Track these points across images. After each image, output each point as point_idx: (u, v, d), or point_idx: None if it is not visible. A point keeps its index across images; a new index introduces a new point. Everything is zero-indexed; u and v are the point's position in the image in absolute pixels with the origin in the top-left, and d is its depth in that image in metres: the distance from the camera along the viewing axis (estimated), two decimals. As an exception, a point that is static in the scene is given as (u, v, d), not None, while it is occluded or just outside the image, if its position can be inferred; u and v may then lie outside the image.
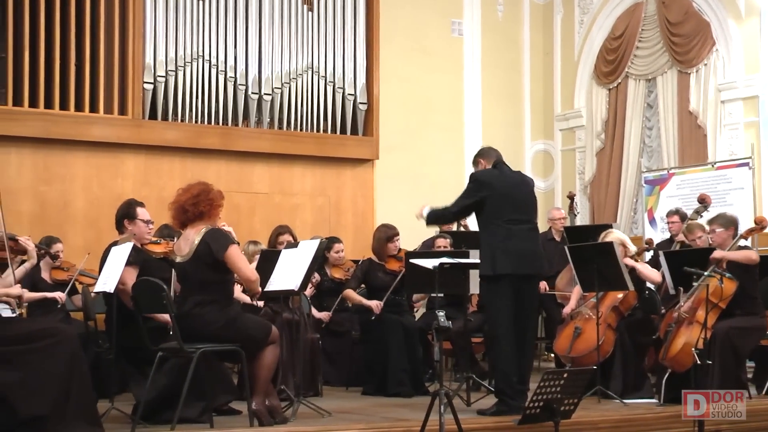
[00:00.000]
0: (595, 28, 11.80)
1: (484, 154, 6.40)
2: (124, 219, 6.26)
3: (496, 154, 6.36)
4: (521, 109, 12.26)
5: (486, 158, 6.36)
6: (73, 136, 9.39)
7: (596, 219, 11.35)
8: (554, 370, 6.31)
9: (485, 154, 6.40)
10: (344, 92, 10.65)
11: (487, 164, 6.34)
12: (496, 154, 6.36)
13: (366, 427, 5.52)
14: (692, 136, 10.59)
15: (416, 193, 11.03)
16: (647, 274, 7.23)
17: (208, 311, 5.50)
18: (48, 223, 9.03)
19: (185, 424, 5.51)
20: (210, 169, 9.88)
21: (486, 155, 6.38)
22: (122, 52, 9.69)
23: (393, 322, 7.50)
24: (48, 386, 4.90)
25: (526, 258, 6.02)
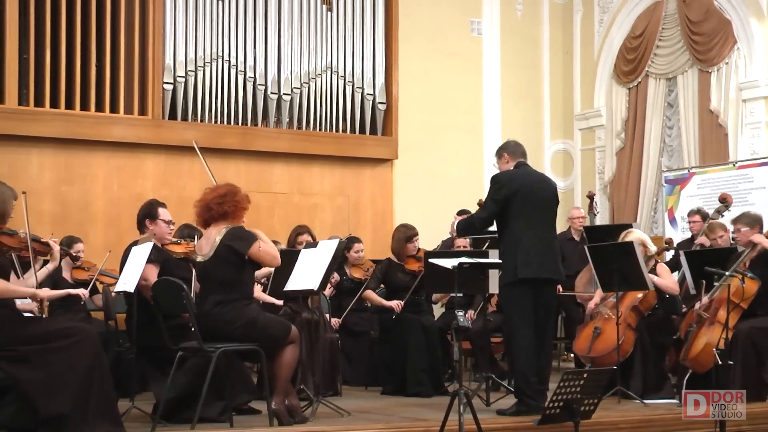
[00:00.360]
0: (614, 27, 11.75)
1: (510, 149, 6.32)
2: (146, 219, 6.30)
3: (521, 152, 6.29)
4: (540, 109, 12.23)
5: (511, 154, 6.29)
6: (93, 136, 9.44)
7: (616, 219, 11.30)
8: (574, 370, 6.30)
9: (511, 149, 6.32)
10: (363, 92, 10.66)
11: (510, 159, 6.27)
12: (522, 153, 6.29)
13: (385, 426, 5.53)
14: (713, 136, 10.53)
15: (435, 193, 11.05)
16: (665, 286, 7.16)
17: (228, 310, 5.52)
18: (69, 223, 9.08)
19: (205, 424, 5.54)
20: (229, 169, 9.90)
21: (511, 151, 6.30)
22: (142, 52, 9.73)
23: (412, 321, 7.50)
24: (69, 385, 4.93)
25: (547, 263, 6.00)
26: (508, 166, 6.29)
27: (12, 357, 4.95)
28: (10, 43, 9.08)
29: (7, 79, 9.07)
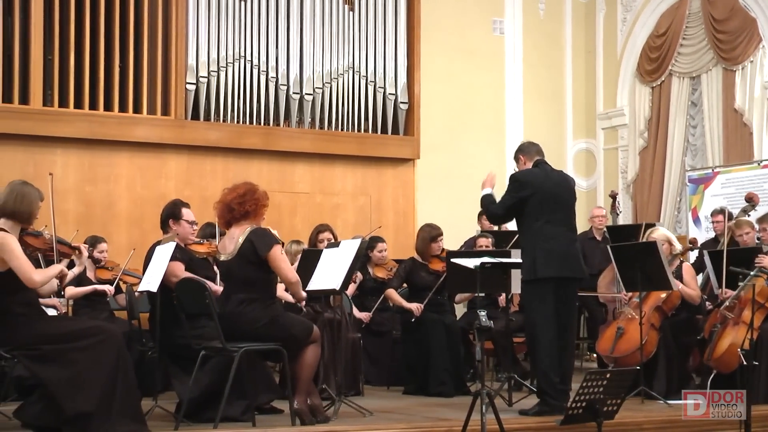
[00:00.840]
0: (638, 26, 11.69)
1: (524, 150, 6.34)
2: (170, 219, 6.32)
3: (536, 150, 6.29)
4: (563, 108, 12.19)
5: (526, 155, 6.30)
6: (117, 136, 9.50)
7: (639, 218, 11.24)
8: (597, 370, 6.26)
9: (525, 150, 6.34)
10: (385, 92, 10.65)
11: (527, 161, 6.28)
12: (537, 150, 6.29)
13: (407, 426, 5.52)
14: (737, 134, 10.46)
15: (457, 193, 11.03)
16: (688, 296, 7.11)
17: (251, 310, 5.54)
18: (93, 223, 9.14)
19: (228, 423, 5.55)
20: (252, 168, 9.93)
21: (526, 151, 6.32)
22: (165, 53, 9.78)
23: (434, 321, 7.49)
24: (93, 384, 4.96)
25: (568, 261, 5.98)
26: (526, 167, 6.29)
27: (37, 356, 4.99)
28: (35, 45, 9.15)
29: (32, 80, 9.14)
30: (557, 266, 5.94)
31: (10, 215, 5.14)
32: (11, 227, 5.14)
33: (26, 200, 5.17)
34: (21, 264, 5.00)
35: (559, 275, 5.94)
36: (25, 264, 5.02)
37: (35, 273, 5.05)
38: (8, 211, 5.14)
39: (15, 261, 5.00)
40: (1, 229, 5.09)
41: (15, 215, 5.14)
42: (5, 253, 4.99)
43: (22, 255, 5.04)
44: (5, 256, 5.00)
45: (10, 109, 9.06)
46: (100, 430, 4.92)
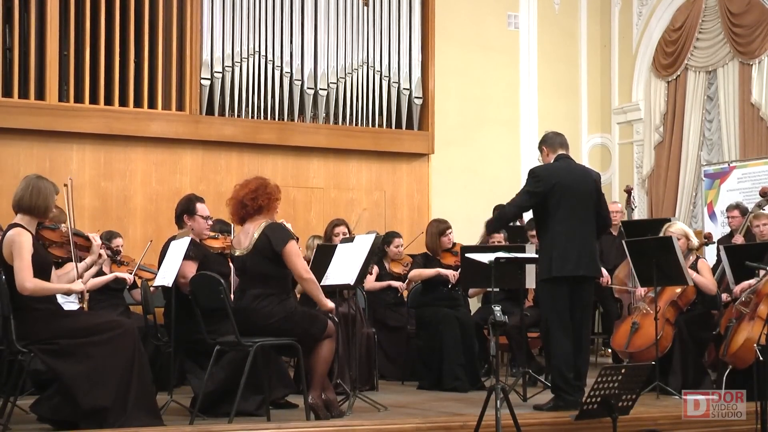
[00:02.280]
0: (653, 20, 11.64)
1: (548, 142, 6.20)
2: (184, 214, 6.33)
3: (560, 143, 6.16)
4: (578, 103, 12.15)
5: (549, 146, 6.17)
6: (132, 132, 9.53)
7: (654, 213, 11.21)
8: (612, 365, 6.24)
9: (549, 141, 6.20)
10: (399, 87, 10.65)
11: (549, 152, 6.17)
12: (561, 143, 6.17)
13: (422, 421, 5.52)
14: (754, 129, 10.40)
15: (472, 188, 11.02)
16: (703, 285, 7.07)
17: (267, 304, 5.55)
18: (108, 218, 9.19)
19: (243, 417, 5.57)
20: (267, 164, 9.96)
21: (549, 143, 6.18)
22: (180, 48, 9.80)
23: (449, 316, 7.49)
24: (109, 378, 4.99)
25: (584, 260, 5.93)
26: (548, 159, 6.19)
27: (54, 351, 5.02)
28: (51, 41, 9.19)
29: (48, 76, 9.18)
30: (573, 265, 5.89)
31: (27, 210, 5.17)
32: (28, 222, 5.16)
33: (42, 194, 5.19)
34: (22, 266, 5.00)
35: (574, 274, 5.91)
36: (26, 268, 5.00)
37: (29, 281, 5.00)
38: (25, 207, 5.17)
39: (18, 261, 5.01)
40: (19, 225, 5.12)
41: (32, 210, 5.17)
42: (14, 250, 5.02)
43: (28, 257, 5.02)
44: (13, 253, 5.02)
45: (26, 104, 9.11)
46: (116, 424, 4.95)
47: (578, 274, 5.92)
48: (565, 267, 5.88)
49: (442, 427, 5.43)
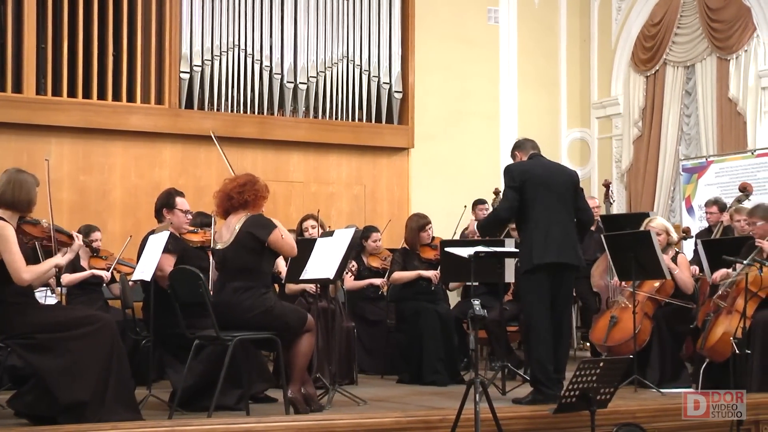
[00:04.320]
0: (632, 15, 11.69)
1: (520, 147, 6.34)
2: (164, 208, 6.31)
3: (531, 145, 6.29)
4: (558, 97, 12.18)
5: (521, 150, 6.30)
6: (111, 125, 9.49)
7: (633, 207, 11.26)
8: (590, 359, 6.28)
9: (520, 146, 6.34)
10: (380, 81, 10.65)
11: (522, 156, 6.27)
12: (532, 145, 6.29)
13: (401, 415, 5.53)
14: (731, 123, 10.47)
15: (452, 182, 11.04)
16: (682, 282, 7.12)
17: (246, 298, 5.54)
18: (87, 212, 9.15)
19: (222, 412, 5.56)
20: (246, 158, 9.93)
21: (521, 147, 6.32)
22: (159, 41, 9.76)
23: (428, 310, 7.50)
24: (88, 373, 4.96)
25: (564, 248, 5.97)
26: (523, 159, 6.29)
27: (31, 345, 4.99)
28: (28, 34, 9.13)
29: (25, 69, 9.13)
30: (554, 253, 5.92)
31: (10, 205, 5.11)
32: (10, 216, 5.11)
33: (24, 188, 5.14)
34: (14, 259, 4.95)
35: (555, 261, 5.93)
36: (18, 260, 4.95)
37: (25, 271, 4.96)
38: (7, 201, 5.10)
39: (7, 255, 4.96)
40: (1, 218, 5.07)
41: (14, 204, 5.11)
42: (1, 244, 4.97)
43: (17, 250, 4.97)
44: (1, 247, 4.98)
45: (3, 97, 9.06)
46: (94, 419, 4.92)
47: (559, 260, 5.94)
48: (546, 255, 5.91)
49: (421, 420, 5.43)
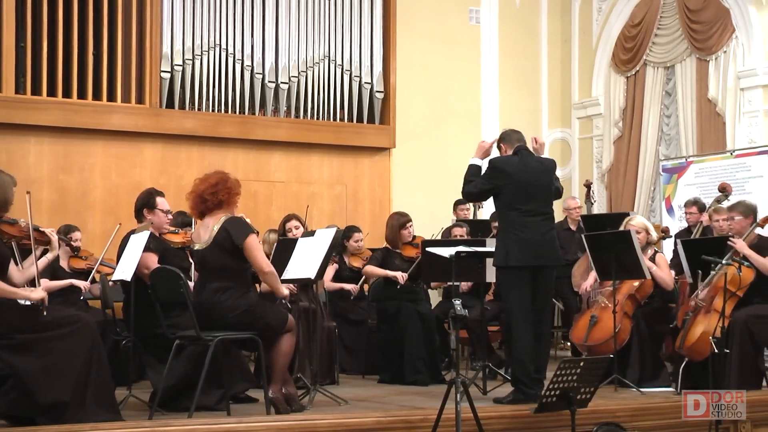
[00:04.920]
0: (613, 16, 11.73)
1: (505, 139, 6.32)
2: (144, 208, 6.29)
3: (517, 138, 6.27)
4: (538, 97, 12.22)
5: (507, 143, 6.28)
6: (91, 125, 9.45)
7: (614, 207, 11.31)
8: (571, 358, 6.31)
9: (506, 138, 6.32)
10: (361, 81, 10.65)
11: (507, 149, 6.26)
12: (518, 138, 6.27)
13: (383, 415, 5.53)
14: (711, 124, 10.53)
15: (433, 182, 11.05)
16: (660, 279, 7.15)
17: (227, 298, 5.53)
18: (67, 212, 9.10)
19: (203, 412, 5.55)
20: (228, 157, 9.92)
21: (507, 140, 6.30)
22: (140, 41, 9.72)
23: (409, 310, 7.51)
24: (68, 374, 4.94)
25: (541, 249, 5.98)
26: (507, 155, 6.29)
27: (11, 346, 4.96)
28: (7, 32, 9.07)
29: (4, 68, 9.06)
30: (530, 255, 5.95)
31: (-14, 204, 5.09)
32: (-14, 216, 5.09)
33: (1, 188, 5.12)
34: None
35: (532, 264, 5.95)
36: None
37: None
38: (-16, 201, 5.09)
39: None
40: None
41: None
42: None
43: None
44: None
45: (-18, 97, 8.99)
46: (74, 419, 4.90)
47: (536, 263, 5.96)
48: (522, 256, 5.93)
49: (402, 420, 5.44)
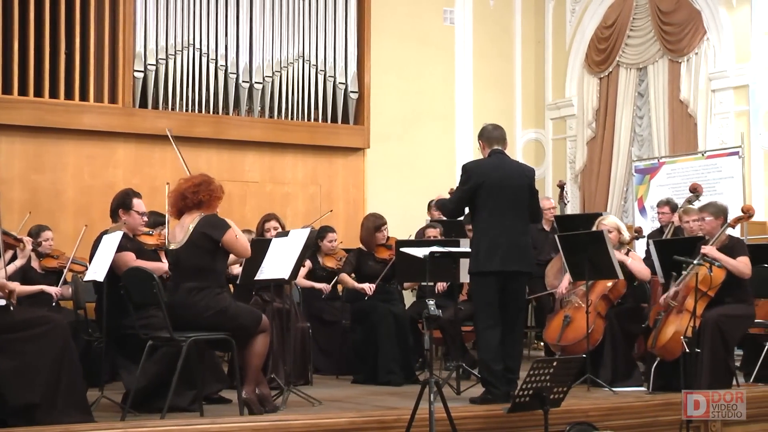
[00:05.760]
0: (586, 17, 11.81)
1: (484, 136, 6.21)
2: (120, 208, 6.26)
3: (496, 137, 6.16)
4: (512, 98, 12.27)
5: (485, 141, 6.18)
6: (64, 124, 9.39)
7: (587, 208, 11.37)
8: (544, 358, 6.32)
9: (485, 135, 6.21)
10: (335, 81, 10.65)
11: (485, 147, 6.18)
12: (497, 137, 6.17)
13: (356, 415, 5.53)
14: (683, 125, 10.62)
15: (407, 182, 11.07)
16: (637, 270, 7.20)
17: (201, 299, 5.51)
18: (39, 212, 9.01)
19: (175, 413, 5.52)
20: (201, 157, 9.87)
21: (486, 137, 6.19)
22: (112, 39, 9.67)
23: (383, 310, 7.51)
24: (39, 375, 4.90)
25: (512, 254, 5.95)
26: (484, 153, 6.22)
27: (-19, 347, 4.92)
28: (-22, 30, 9.01)
29: (-25, 67, 9.00)
30: (500, 260, 5.92)
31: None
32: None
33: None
34: None
35: (501, 269, 5.94)
36: None
37: None
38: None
39: None
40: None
41: None
42: None
43: None
44: None
45: (-48, 95, 8.92)
46: (45, 421, 4.86)
47: (506, 269, 5.95)
48: (492, 262, 5.92)
49: (376, 421, 5.44)
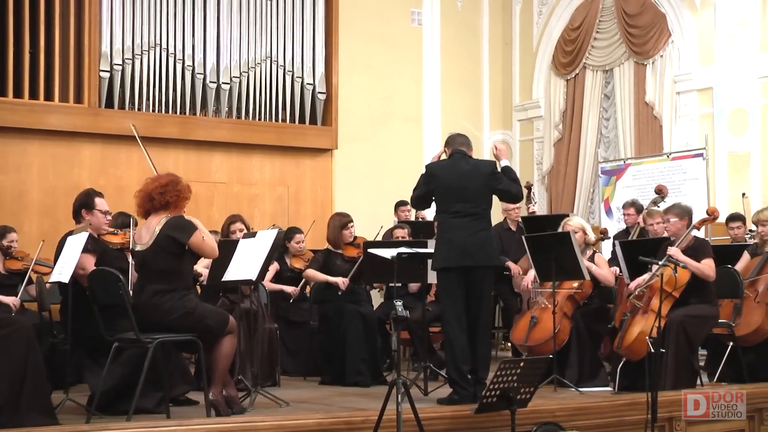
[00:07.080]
0: (553, 19, 11.88)
1: (448, 142, 6.37)
2: (82, 209, 6.20)
3: (459, 142, 6.31)
4: (480, 99, 12.32)
5: (449, 146, 6.34)
6: (28, 124, 9.30)
7: (554, 209, 11.44)
8: (511, 359, 6.35)
9: (449, 141, 6.37)
10: (303, 82, 10.63)
11: (449, 151, 6.33)
12: (460, 142, 6.31)
13: (324, 416, 5.52)
14: (648, 127, 10.71)
15: (375, 183, 11.08)
16: (602, 277, 7.26)
17: (167, 300, 5.48)
18: (3, 213, 8.93)
19: (141, 415, 5.48)
20: (168, 158, 9.81)
21: (450, 143, 6.35)
22: (78, 39, 9.59)
23: (351, 311, 7.51)
24: (2, 377, 4.86)
25: (469, 251, 6.00)
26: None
27: (-57, 350, 4.86)
28: (-59, 29, 8.90)
29: (-63, 66, 8.89)
30: (457, 257, 5.98)
31: None
32: None
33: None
34: None
35: (459, 265, 5.99)
36: None
37: None
38: None
39: None
40: None
41: None
42: None
43: None
44: None
45: None
46: (8, 424, 4.82)
47: (464, 264, 6.00)
48: (450, 258, 5.98)
49: (344, 422, 5.44)
